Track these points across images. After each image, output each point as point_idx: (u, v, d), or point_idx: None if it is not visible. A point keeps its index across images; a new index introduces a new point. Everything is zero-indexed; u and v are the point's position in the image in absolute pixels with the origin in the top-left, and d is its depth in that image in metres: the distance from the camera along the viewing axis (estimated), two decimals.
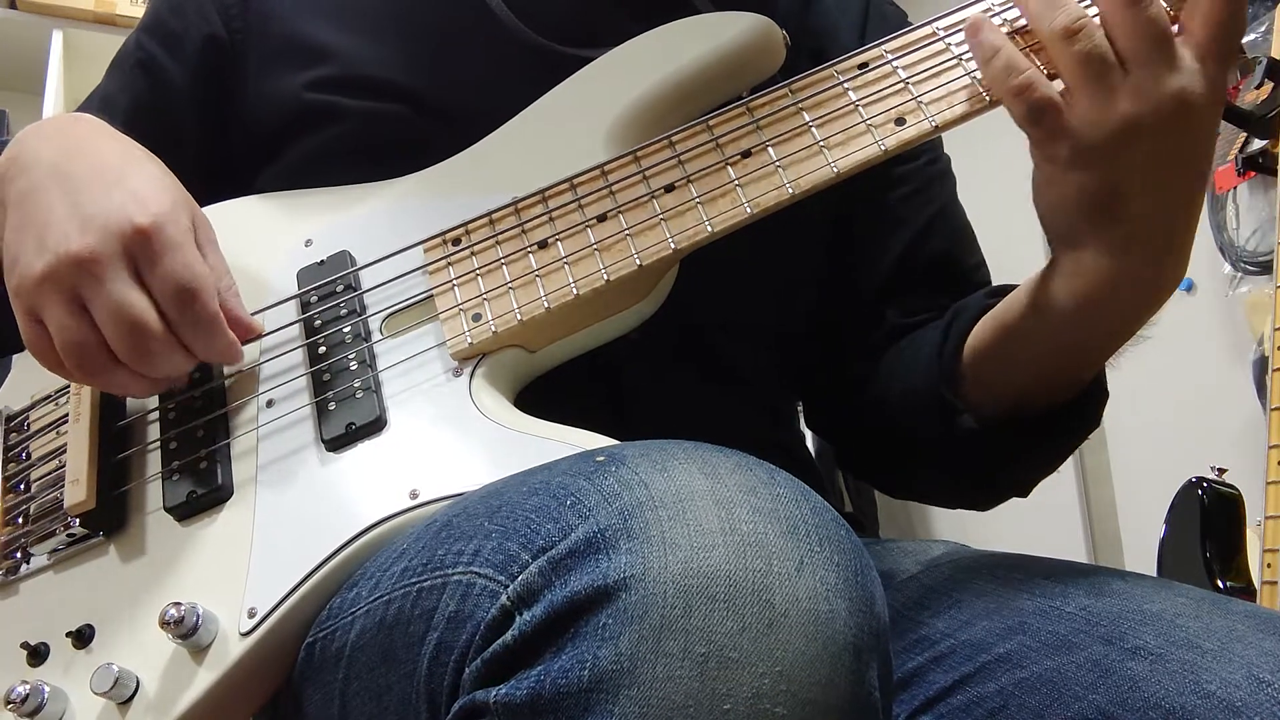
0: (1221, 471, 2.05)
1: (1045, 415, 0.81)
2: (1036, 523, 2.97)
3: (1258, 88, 2.09)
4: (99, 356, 0.71)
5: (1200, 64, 0.67)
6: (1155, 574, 1.32)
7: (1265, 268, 2.21)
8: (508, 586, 0.52)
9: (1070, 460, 3.06)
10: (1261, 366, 2.07)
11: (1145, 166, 0.68)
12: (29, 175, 0.75)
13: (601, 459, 0.56)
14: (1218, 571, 1.92)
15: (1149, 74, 0.66)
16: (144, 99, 0.96)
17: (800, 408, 1.08)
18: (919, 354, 0.90)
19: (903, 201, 0.99)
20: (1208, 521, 1.95)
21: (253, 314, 0.79)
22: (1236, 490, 1.99)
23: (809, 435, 1.09)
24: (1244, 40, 2.17)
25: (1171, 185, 0.69)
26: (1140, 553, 2.40)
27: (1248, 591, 1.86)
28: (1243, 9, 0.68)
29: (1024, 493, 0.89)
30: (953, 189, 1.03)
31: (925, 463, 0.92)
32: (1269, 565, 1.74)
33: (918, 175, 0.99)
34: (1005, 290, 0.84)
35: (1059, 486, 2.85)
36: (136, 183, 0.74)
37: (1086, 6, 0.68)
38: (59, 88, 2.42)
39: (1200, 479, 2.00)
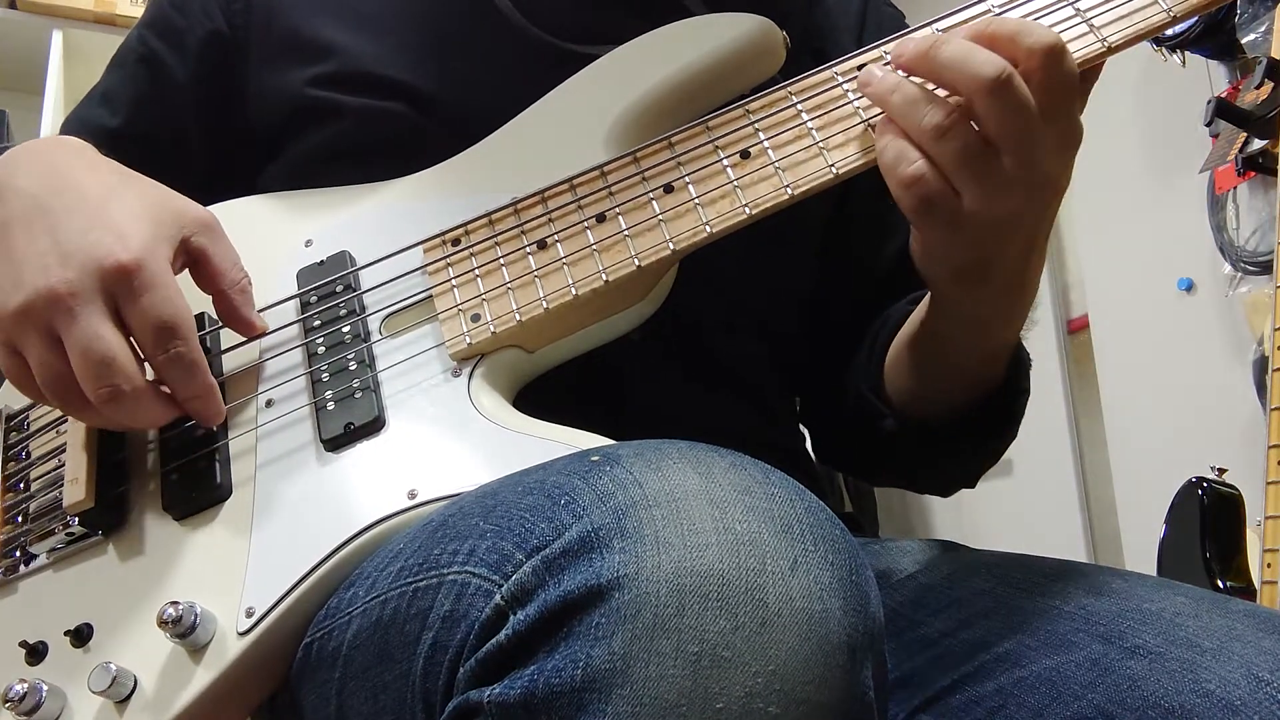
0: (1221, 471, 2.05)
1: (963, 415, 0.85)
2: (1036, 523, 2.98)
3: (1258, 88, 2.09)
4: (77, 390, 0.70)
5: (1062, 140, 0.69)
6: (1155, 574, 1.32)
7: (1265, 268, 2.20)
8: (502, 586, 0.52)
9: (1070, 460, 3.07)
10: (1261, 366, 2.07)
11: (1019, 240, 0.73)
12: (8, 205, 0.74)
13: (596, 458, 0.56)
14: (1218, 571, 1.91)
15: (1024, 158, 0.68)
16: (146, 95, 0.96)
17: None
18: (868, 361, 0.94)
19: (895, 209, 0.99)
20: (1208, 521, 1.95)
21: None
22: (1236, 490, 1.99)
23: (809, 435, 1.10)
24: (1244, 40, 2.17)
25: (1037, 247, 0.75)
26: (1140, 553, 2.40)
27: (1248, 591, 1.86)
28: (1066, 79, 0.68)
29: (970, 483, 0.94)
30: None
31: (877, 457, 0.98)
32: (1269, 565, 1.73)
33: None
34: (920, 297, 0.87)
35: (1059, 486, 2.86)
36: (117, 216, 0.72)
37: (946, 97, 0.69)
38: (59, 88, 2.42)
39: (1200, 479, 2.00)
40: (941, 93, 0.69)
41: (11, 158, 0.79)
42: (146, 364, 0.71)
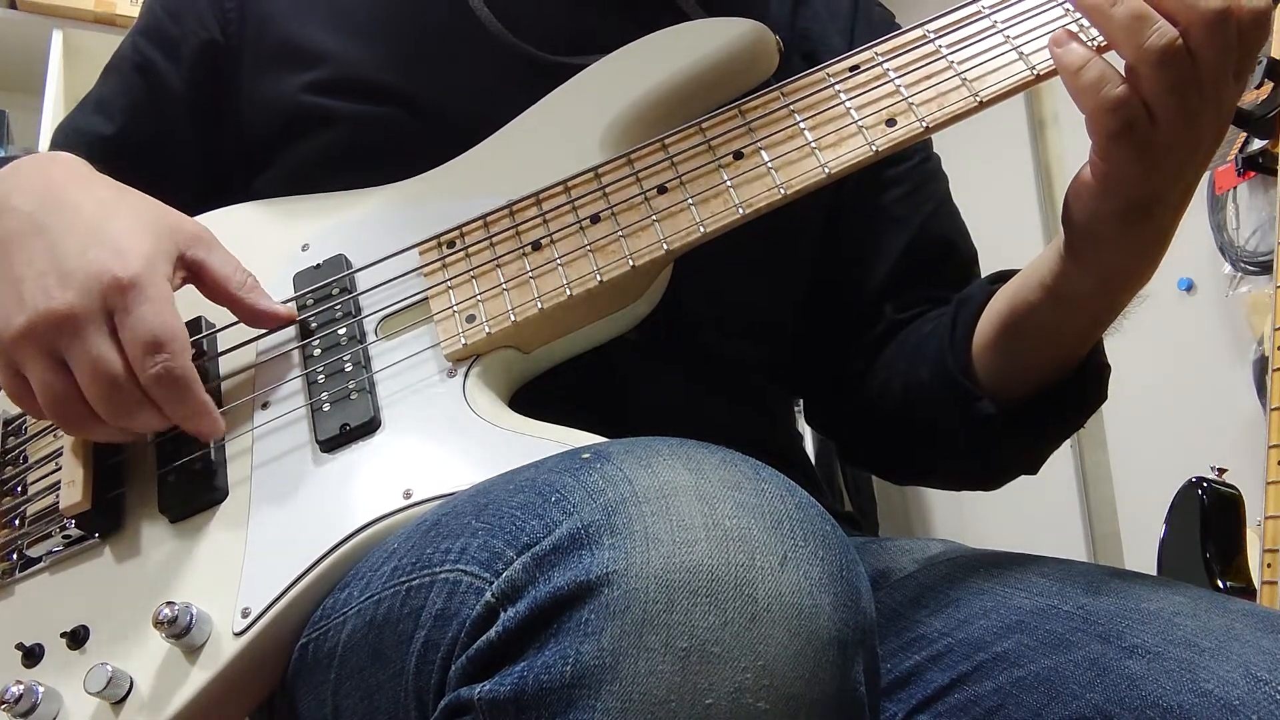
0: (1221, 471, 2.05)
1: (1056, 392, 0.82)
2: (1036, 522, 2.97)
3: (1257, 88, 2.09)
4: (81, 411, 0.71)
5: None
6: (1155, 574, 1.32)
7: (1265, 268, 2.20)
8: (492, 583, 0.52)
9: (1070, 460, 3.06)
10: (1261, 366, 2.07)
11: (1188, 177, 0.71)
12: (4, 225, 0.74)
13: (587, 456, 0.56)
14: (1218, 572, 1.91)
15: (1218, 95, 0.67)
16: (141, 103, 0.96)
17: (799, 405, 1.08)
18: (923, 347, 0.90)
19: (897, 203, 0.99)
20: (1208, 521, 1.95)
21: None
22: (1236, 490, 1.99)
23: (808, 434, 1.09)
24: None
25: (1191, 193, 0.73)
26: (1140, 553, 2.40)
27: (1248, 592, 1.86)
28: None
29: (1034, 469, 0.90)
30: (945, 186, 1.04)
31: (941, 451, 0.93)
32: (1269, 565, 1.73)
33: (911, 175, 1.00)
34: (1006, 275, 0.85)
35: (1059, 486, 2.86)
36: (114, 233, 0.72)
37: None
38: (59, 88, 2.42)
39: (1200, 479, 1.99)
40: None
41: (5, 176, 0.78)
42: None
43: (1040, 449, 0.88)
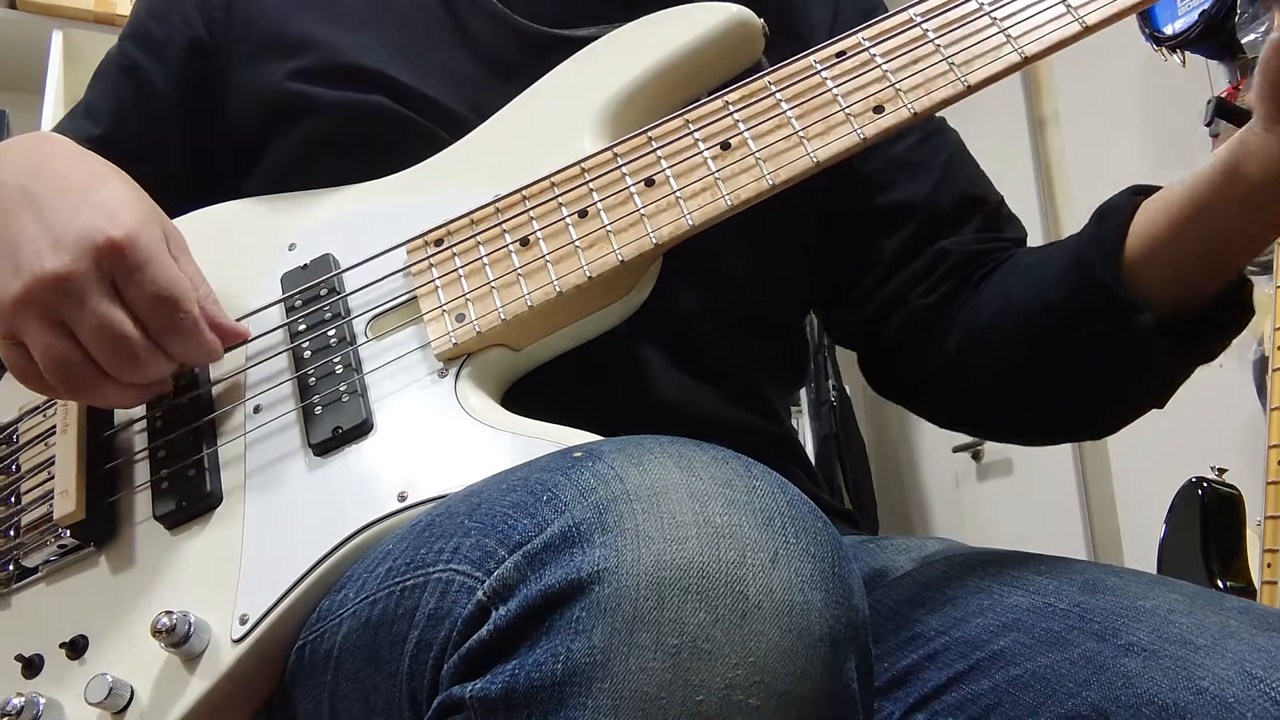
0: (1221, 471, 2.04)
1: (1211, 307, 0.78)
2: (1036, 522, 2.97)
3: None
4: (85, 372, 0.71)
5: None
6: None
7: (1265, 268, 2.20)
8: (484, 582, 0.52)
9: (1070, 460, 3.05)
10: (1261, 366, 2.06)
11: None
12: None
13: (579, 454, 0.56)
14: (1218, 572, 1.91)
15: None
16: (128, 105, 0.96)
17: (799, 406, 1.07)
18: (1044, 269, 0.85)
19: (914, 149, 0.98)
20: (1208, 521, 1.95)
21: (238, 319, 0.80)
22: (1236, 490, 1.99)
23: (808, 433, 1.09)
24: (1244, 40, 2.17)
25: None
26: (1140, 552, 2.39)
27: (1248, 591, 1.85)
28: None
29: (1164, 401, 0.85)
30: (958, 139, 1.02)
31: (1068, 384, 0.86)
32: (1269, 565, 1.73)
33: (919, 127, 0.98)
34: (1149, 190, 0.81)
35: (1059, 486, 2.86)
36: (104, 197, 0.73)
37: None
38: (59, 88, 2.42)
39: (1200, 479, 1.99)
40: None
41: None
42: None
43: (1179, 375, 0.83)
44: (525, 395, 0.78)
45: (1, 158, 0.78)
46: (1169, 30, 2.29)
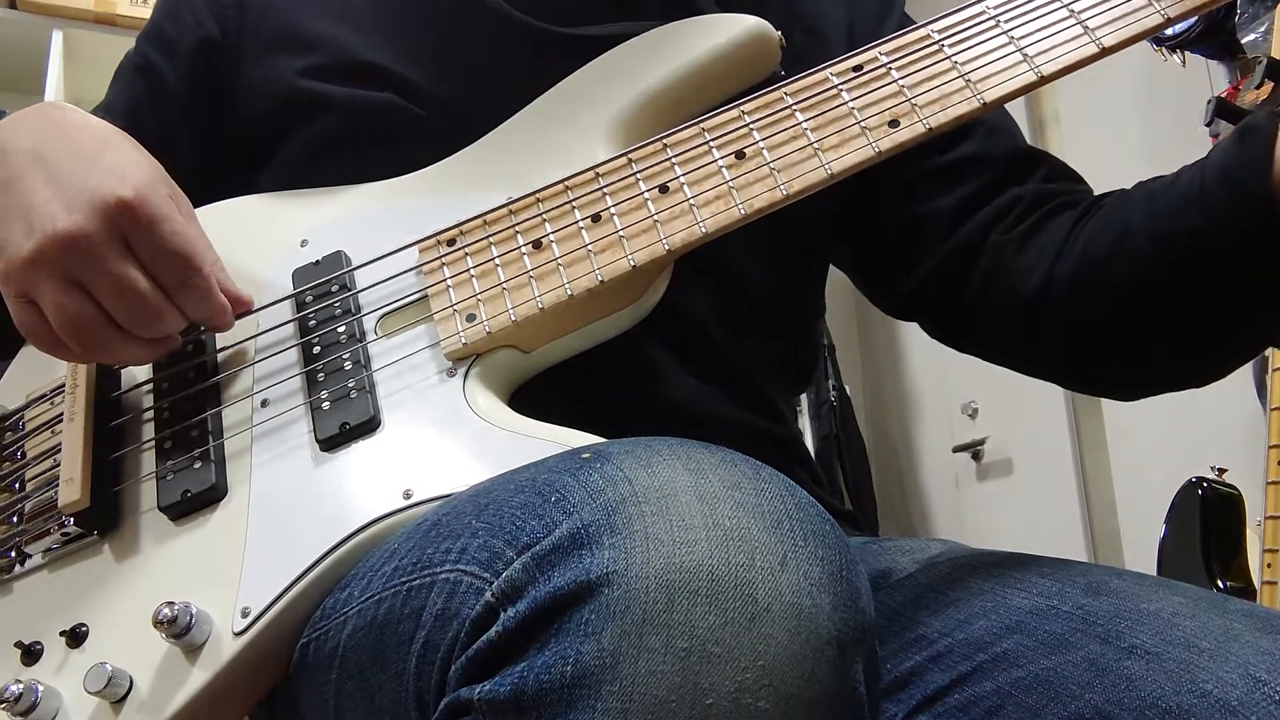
0: (1221, 471, 2.04)
1: None
2: (1036, 523, 2.98)
3: (1258, 88, 2.09)
4: (98, 328, 0.72)
5: None
6: (1155, 574, 1.32)
7: None
8: (492, 583, 0.52)
9: (1070, 460, 3.05)
10: (1261, 366, 2.06)
11: None
12: (7, 163, 0.75)
13: (587, 456, 0.56)
14: (1218, 572, 1.91)
15: None
16: (141, 102, 0.97)
17: (800, 405, 1.07)
18: (1171, 194, 0.79)
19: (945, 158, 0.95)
20: (1208, 521, 1.95)
21: (248, 315, 0.80)
22: (1236, 490, 1.99)
23: (808, 433, 1.09)
24: (1244, 40, 2.17)
25: None
26: (1140, 552, 2.39)
27: (1248, 591, 1.86)
28: None
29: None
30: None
31: (1218, 302, 0.79)
32: (1269, 565, 1.73)
33: None
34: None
35: (1059, 486, 2.86)
36: (115, 158, 0.74)
37: None
38: (59, 88, 2.42)
39: (1200, 479, 1.99)
40: None
41: (6, 121, 0.80)
42: None
43: None
44: (533, 396, 0.78)
45: (13, 125, 0.79)
46: (1169, 30, 2.29)
